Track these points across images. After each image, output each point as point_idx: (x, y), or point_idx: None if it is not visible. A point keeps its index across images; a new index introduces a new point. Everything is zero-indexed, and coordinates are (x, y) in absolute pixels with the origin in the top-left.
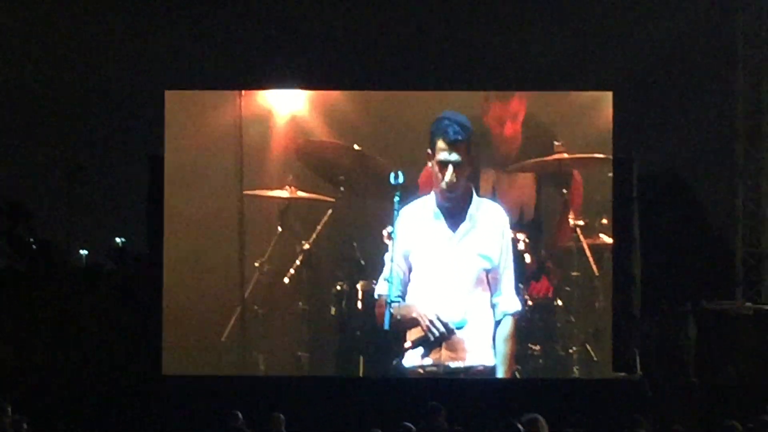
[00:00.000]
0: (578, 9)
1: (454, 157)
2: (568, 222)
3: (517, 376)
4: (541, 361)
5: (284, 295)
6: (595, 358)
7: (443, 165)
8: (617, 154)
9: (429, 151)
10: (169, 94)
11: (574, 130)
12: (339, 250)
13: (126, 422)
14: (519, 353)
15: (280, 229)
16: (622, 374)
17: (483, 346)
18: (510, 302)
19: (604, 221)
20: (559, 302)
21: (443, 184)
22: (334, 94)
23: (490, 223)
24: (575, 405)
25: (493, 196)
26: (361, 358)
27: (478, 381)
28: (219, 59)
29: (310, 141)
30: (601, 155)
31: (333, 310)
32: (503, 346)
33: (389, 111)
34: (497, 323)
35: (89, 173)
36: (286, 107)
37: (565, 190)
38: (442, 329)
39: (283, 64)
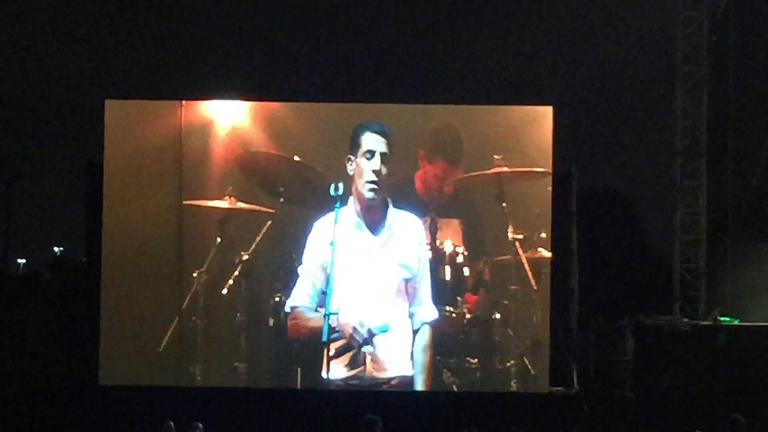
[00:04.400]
0: (520, 23)
1: (382, 147)
2: (507, 235)
3: (455, 389)
4: (478, 374)
5: (222, 306)
6: (532, 372)
7: (370, 154)
8: (557, 169)
9: (350, 156)
10: (109, 103)
11: (515, 144)
12: (278, 262)
13: None
14: (457, 366)
15: (219, 239)
16: (559, 388)
17: (402, 357)
18: (428, 311)
19: (543, 235)
20: (498, 316)
21: (369, 174)
22: (275, 106)
23: (408, 234)
24: (512, 419)
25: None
26: (299, 370)
27: (414, 394)
28: (160, 69)
29: (251, 152)
30: (540, 169)
31: (271, 322)
32: (421, 356)
33: (329, 122)
34: (415, 332)
35: (28, 181)
36: (227, 118)
37: (504, 204)
38: (365, 335)
39: (224, 74)
